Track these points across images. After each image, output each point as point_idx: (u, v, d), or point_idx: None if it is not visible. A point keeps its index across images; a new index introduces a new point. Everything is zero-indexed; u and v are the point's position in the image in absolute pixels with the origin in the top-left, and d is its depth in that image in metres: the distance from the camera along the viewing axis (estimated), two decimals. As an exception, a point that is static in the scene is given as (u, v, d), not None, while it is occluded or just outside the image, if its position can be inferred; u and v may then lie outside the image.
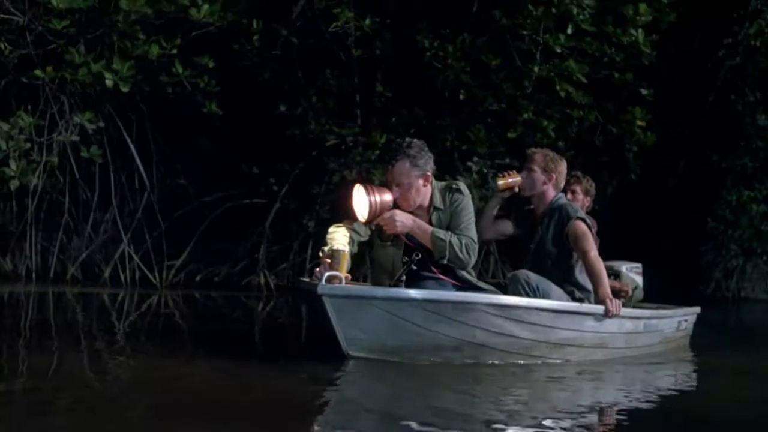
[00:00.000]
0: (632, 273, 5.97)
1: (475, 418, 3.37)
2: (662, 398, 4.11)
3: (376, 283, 4.73)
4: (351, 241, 4.53)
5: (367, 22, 9.34)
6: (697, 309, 6.16)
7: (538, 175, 5.16)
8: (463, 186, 4.75)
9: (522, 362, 4.55)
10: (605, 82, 9.39)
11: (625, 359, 5.14)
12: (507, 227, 5.48)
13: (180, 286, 9.67)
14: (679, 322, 5.83)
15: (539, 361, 4.62)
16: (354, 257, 4.58)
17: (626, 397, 4.13)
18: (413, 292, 4.24)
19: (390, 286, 4.47)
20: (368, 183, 4.63)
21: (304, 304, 7.49)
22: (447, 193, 4.70)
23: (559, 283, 4.96)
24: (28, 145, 8.28)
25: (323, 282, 3.99)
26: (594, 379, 4.63)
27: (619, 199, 11.36)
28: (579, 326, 4.79)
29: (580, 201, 5.81)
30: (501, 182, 5.19)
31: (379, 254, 4.73)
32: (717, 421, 3.69)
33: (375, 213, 4.45)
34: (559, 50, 8.59)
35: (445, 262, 4.57)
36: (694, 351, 5.99)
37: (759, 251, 13.25)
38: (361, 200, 4.47)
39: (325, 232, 4.58)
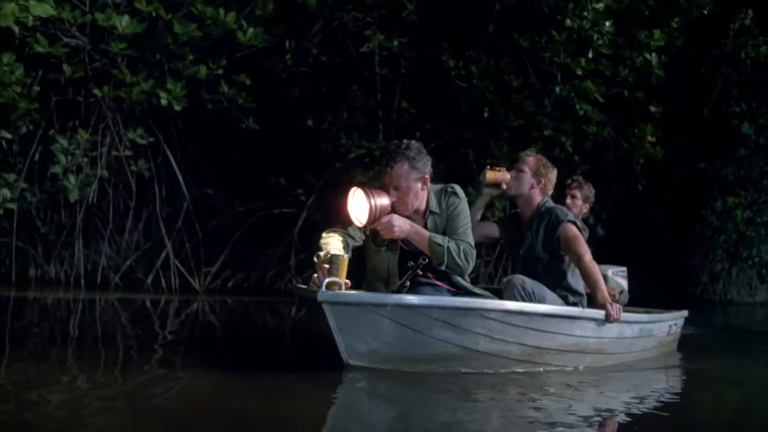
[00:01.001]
0: (618, 277, 5.91)
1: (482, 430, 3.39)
2: (663, 405, 4.14)
3: (370, 289, 4.53)
4: (346, 246, 4.40)
5: (395, 43, 9.90)
6: (685, 313, 6.14)
7: (528, 177, 5.09)
8: (458, 189, 4.59)
9: (523, 369, 4.48)
10: (616, 99, 10.07)
11: (621, 365, 5.09)
12: (493, 230, 5.48)
13: (216, 291, 10.16)
14: (670, 326, 5.80)
15: (541, 369, 4.54)
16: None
17: (628, 404, 4.11)
18: (418, 299, 4.11)
19: (392, 292, 4.37)
20: (367, 186, 4.41)
21: (304, 309, 7.43)
22: (443, 197, 4.56)
23: (551, 288, 4.86)
24: (86, 159, 8.74)
25: (323, 289, 3.82)
26: (596, 385, 4.55)
27: (618, 206, 12.06)
28: (580, 332, 4.69)
29: (578, 207, 5.69)
30: (490, 174, 5.15)
31: (374, 260, 4.60)
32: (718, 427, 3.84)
33: (374, 217, 4.30)
34: (579, 72, 9.23)
35: (443, 268, 4.45)
36: (685, 354, 6.02)
37: (744, 255, 14.02)
38: (360, 204, 4.31)
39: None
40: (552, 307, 4.62)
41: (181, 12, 8.79)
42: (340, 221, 4.51)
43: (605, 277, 5.42)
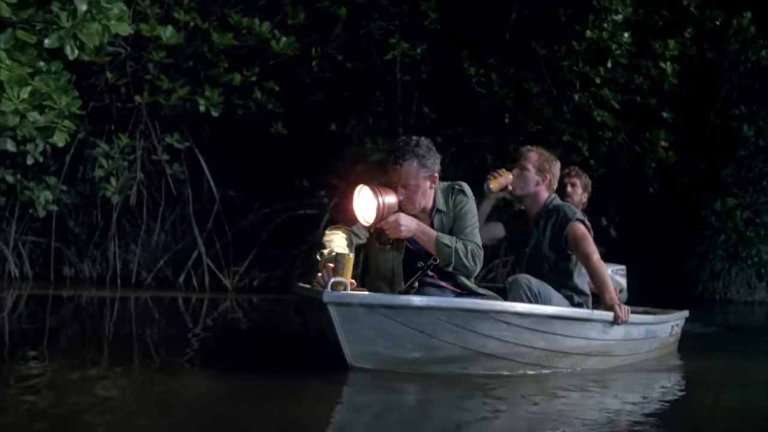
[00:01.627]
0: (617, 275, 5.77)
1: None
2: (668, 406, 4.13)
3: (373, 289, 4.35)
4: (350, 245, 4.23)
5: (419, 51, 10.28)
6: (686, 313, 6.03)
7: (532, 174, 4.92)
8: (466, 187, 4.44)
9: (531, 372, 4.37)
10: (629, 105, 10.48)
11: (625, 366, 4.98)
12: (499, 230, 5.33)
13: (245, 290, 10.50)
14: (672, 326, 5.71)
15: (547, 371, 4.42)
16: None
17: (633, 405, 4.04)
18: (426, 301, 3.97)
19: (400, 293, 4.20)
20: (373, 184, 4.24)
21: (307, 309, 7.40)
22: (450, 195, 4.41)
23: (557, 287, 4.72)
24: (126, 163, 9.08)
25: (328, 289, 3.67)
26: (601, 387, 4.43)
27: (625, 207, 12.44)
28: (588, 334, 4.58)
29: (579, 195, 5.54)
30: (494, 185, 4.92)
31: (378, 259, 4.45)
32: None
33: (381, 216, 4.15)
34: (598, 81, 9.64)
35: (450, 269, 4.30)
36: (687, 354, 5.93)
37: (744, 255, 14.35)
38: (367, 202, 4.16)
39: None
40: (562, 309, 4.51)
41: (216, 21, 9.14)
42: (344, 219, 4.39)
43: None
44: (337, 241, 4.12)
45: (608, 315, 4.61)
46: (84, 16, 5.16)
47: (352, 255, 3.87)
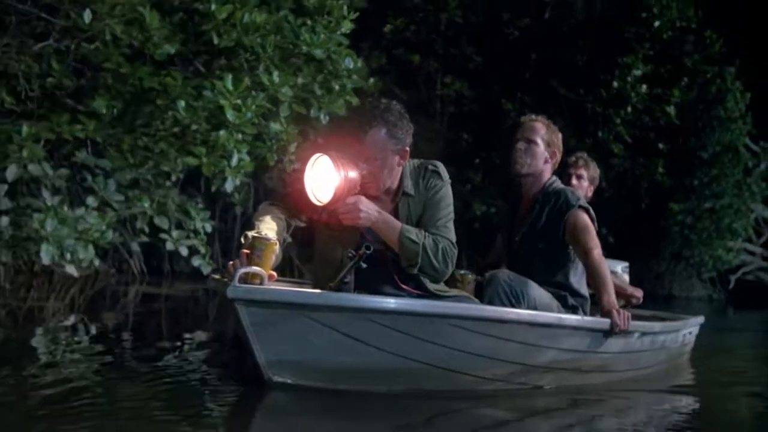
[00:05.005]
0: (625, 274, 5.10)
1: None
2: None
3: (317, 279, 3.49)
4: (285, 227, 3.34)
5: (466, 88, 12.42)
6: (701, 319, 5.27)
7: (541, 150, 4.00)
8: (442, 168, 3.46)
9: (502, 388, 3.46)
10: (634, 137, 12.90)
11: (623, 382, 4.03)
12: None
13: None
14: (684, 335, 4.89)
15: (526, 388, 3.54)
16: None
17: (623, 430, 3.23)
18: (365, 300, 3.03)
19: (331, 289, 3.19)
20: (335, 154, 3.14)
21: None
22: (421, 176, 3.42)
23: (548, 285, 3.86)
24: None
25: (236, 282, 2.80)
26: (589, 407, 3.58)
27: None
28: (575, 345, 3.67)
29: (584, 189, 4.72)
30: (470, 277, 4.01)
31: (325, 244, 3.43)
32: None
33: (340, 196, 3.14)
34: (618, 121, 12.03)
35: (414, 271, 3.32)
36: (696, 366, 5.07)
37: (686, 256, 15.79)
38: (323, 175, 3.14)
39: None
40: (540, 314, 3.54)
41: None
42: (285, 199, 3.45)
43: (614, 274, 4.53)
44: (267, 222, 3.23)
45: (603, 322, 3.66)
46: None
47: (273, 240, 2.95)
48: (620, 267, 5.01)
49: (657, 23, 12.23)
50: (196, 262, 7.16)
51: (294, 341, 2.94)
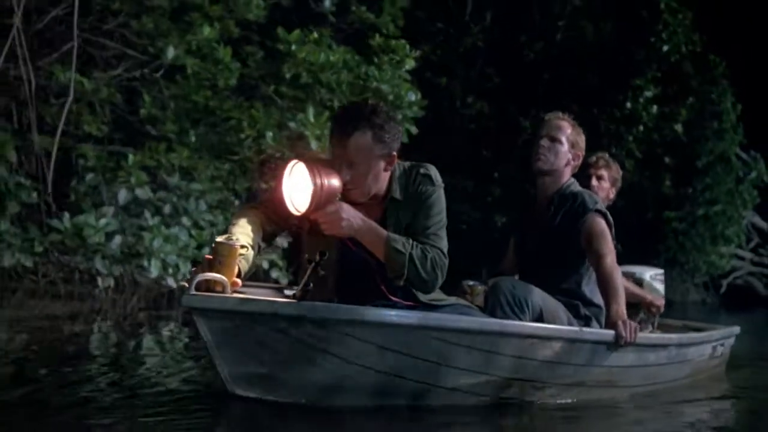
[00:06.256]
0: (656, 282, 4.74)
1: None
2: None
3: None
4: (258, 231, 3.06)
5: (485, 106, 13.34)
6: (736, 329, 4.94)
7: (566, 149, 3.84)
8: (434, 172, 3.19)
9: (495, 404, 3.20)
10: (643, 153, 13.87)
11: (635, 397, 3.71)
12: None
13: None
14: (714, 347, 4.54)
15: (524, 403, 3.27)
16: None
17: None
18: (334, 310, 2.78)
19: (297, 298, 2.97)
20: (312, 161, 2.98)
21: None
22: (411, 181, 3.17)
23: (559, 294, 3.63)
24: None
25: (192, 290, 2.63)
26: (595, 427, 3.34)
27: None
28: (573, 359, 3.37)
29: (605, 191, 4.50)
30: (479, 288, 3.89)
31: (309, 253, 3.08)
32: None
33: (318, 204, 2.93)
34: (630, 138, 12.98)
35: (400, 283, 3.09)
36: (729, 380, 4.67)
37: (681, 262, 16.40)
38: (300, 184, 2.97)
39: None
40: (532, 325, 3.27)
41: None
42: (267, 204, 3.20)
43: (641, 282, 4.56)
44: (240, 226, 3.02)
45: (606, 334, 3.44)
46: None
47: (236, 245, 2.76)
48: (649, 274, 4.72)
49: (665, 47, 13.17)
50: (274, 274, 7.92)
51: (257, 353, 2.74)
